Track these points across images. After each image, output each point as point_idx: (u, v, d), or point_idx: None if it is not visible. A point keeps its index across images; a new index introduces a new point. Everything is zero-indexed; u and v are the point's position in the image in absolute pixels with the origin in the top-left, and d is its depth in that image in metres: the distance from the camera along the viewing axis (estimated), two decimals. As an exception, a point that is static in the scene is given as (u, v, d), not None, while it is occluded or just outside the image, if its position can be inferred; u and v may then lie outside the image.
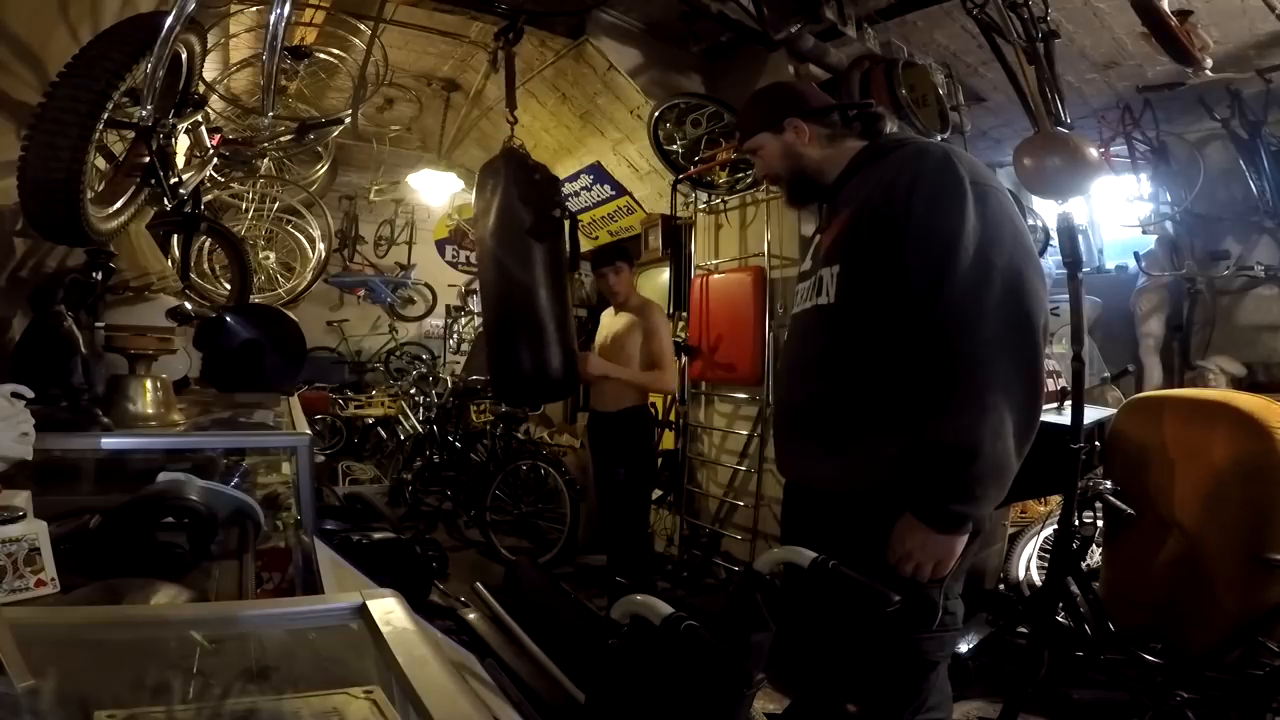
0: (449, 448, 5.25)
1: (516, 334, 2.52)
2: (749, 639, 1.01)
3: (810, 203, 1.61)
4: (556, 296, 2.52)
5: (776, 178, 1.58)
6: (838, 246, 1.42)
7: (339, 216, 7.00)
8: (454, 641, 1.17)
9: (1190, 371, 3.98)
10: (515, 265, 2.47)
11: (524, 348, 2.50)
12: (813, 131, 1.50)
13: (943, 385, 1.25)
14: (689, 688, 0.84)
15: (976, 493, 1.24)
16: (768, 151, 1.55)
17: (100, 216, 1.50)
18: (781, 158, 1.53)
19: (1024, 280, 1.25)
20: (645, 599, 0.88)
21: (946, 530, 1.27)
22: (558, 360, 2.51)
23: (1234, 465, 2.14)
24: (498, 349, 2.60)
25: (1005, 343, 1.22)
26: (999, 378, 1.22)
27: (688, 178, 4.01)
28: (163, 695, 0.66)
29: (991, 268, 1.24)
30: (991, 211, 1.28)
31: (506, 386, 2.74)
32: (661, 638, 0.83)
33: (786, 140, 1.52)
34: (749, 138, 1.58)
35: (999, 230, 1.27)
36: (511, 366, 2.54)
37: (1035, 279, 1.27)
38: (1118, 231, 4.67)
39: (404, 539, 2.22)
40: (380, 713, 0.65)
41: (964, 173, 1.30)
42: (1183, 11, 3.03)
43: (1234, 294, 4.07)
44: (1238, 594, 2.10)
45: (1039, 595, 2.44)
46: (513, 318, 2.53)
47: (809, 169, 1.52)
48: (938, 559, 1.29)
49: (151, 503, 1.12)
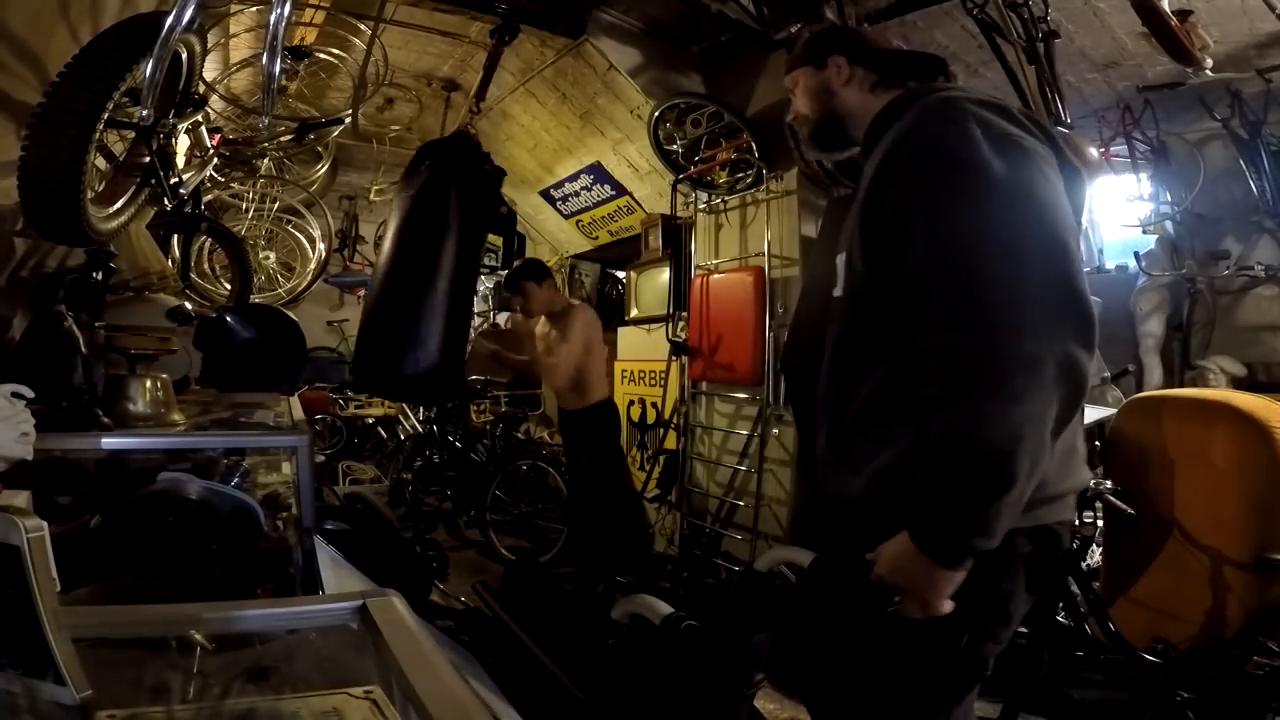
0: (449, 448, 5.24)
1: (393, 321, 2.34)
2: (749, 639, 1.01)
3: (833, 152, 1.49)
4: (456, 292, 2.34)
5: (804, 118, 1.43)
6: (847, 230, 1.26)
7: (339, 216, 6.98)
8: (454, 641, 1.17)
9: (1190, 371, 3.98)
10: (419, 253, 2.32)
11: (397, 337, 2.31)
12: (856, 73, 1.36)
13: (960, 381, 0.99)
14: (689, 687, 0.84)
15: (996, 515, 0.97)
16: (803, 87, 1.42)
17: (100, 216, 1.50)
18: (815, 95, 1.40)
19: (1068, 275, 0.99)
20: (645, 599, 0.88)
21: (950, 564, 1.00)
22: (433, 358, 2.30)
23: (1234, 465, 2.14)
24: (367, 331, 2.44)
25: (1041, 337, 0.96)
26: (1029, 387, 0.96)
27: (688, 178, 4.01)
28: (163, 695, 0.66)
29: (1027, 260, 0.98)
30: (1022, 169, 1.03)
31: (366, 373, 2.56)
32: (661, 638, 0.83)
33: (826, 77, 1.38)
34: (791, 71, 1.45)
35: (1035, 201, 1.02)
36: (379, 353, 2.38)
37: (1077, 253, 1.03)
38: (1118, 231, 4.66)
39: (404, 539, 2.22)
40: (380, 713, 0.65)
41: (970, 125, 1.05)
42: (1183, 11, 3.03)
43: (1234, 294, 4.07)
44: (1238, 594, 2.10)
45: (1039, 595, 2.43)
46: (395, 304, 2.35)
47: (839, 111, 1.37)
48: (927, 597, 1.01)
49: (151, 503, 1.12)
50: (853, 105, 1.36)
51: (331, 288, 7.33)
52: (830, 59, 1.38)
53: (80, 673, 0.59)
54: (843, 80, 1.37)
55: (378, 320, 2.39)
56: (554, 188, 5.72)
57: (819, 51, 1.40)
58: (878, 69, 1.36)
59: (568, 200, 5.76)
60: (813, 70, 1.40)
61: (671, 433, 4.23)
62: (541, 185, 5.80)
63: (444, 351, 2.32)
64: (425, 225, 2.32)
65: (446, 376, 2.37)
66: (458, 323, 2.39)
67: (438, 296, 2.29)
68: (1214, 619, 2.12)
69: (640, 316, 4.81)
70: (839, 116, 1.37)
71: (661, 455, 4.21)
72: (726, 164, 3.85)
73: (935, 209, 1.04)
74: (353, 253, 7.46)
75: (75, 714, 0.58)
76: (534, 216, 6.36)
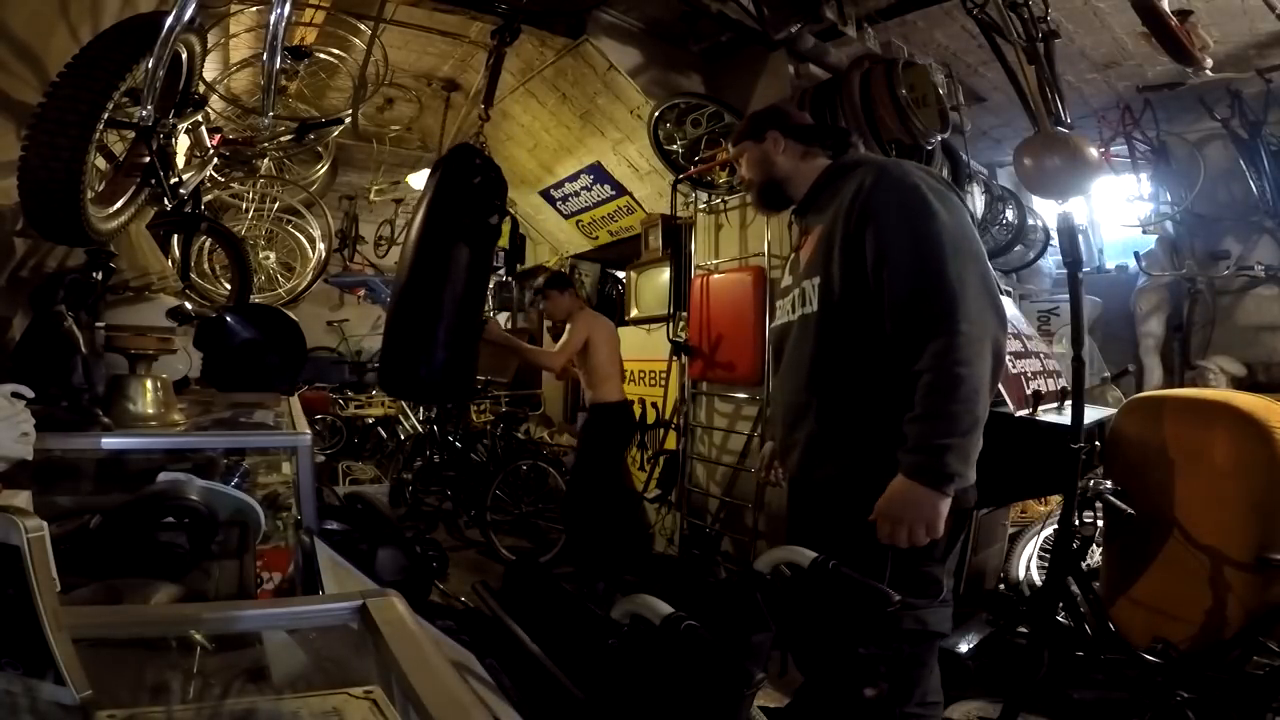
0: (449, 448, 5.25)
1: (413, 327, 2.45)
2: (749, 639, 1.01)
3: (776, 209, 1.82)
4: (467, 300, 2.46)
5: (750, 182, 1.79)
6: (815, 261, 1.58)
7: (339, 216, 6.98)
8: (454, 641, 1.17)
9: (1190, 371, 3.98)
10: (432, 260, 2.43)
11: (416, 342, 2.43)
12: (788, 145, 1.71)
13: (920, 371, 1.38)
14: (689, 687, 0.84)
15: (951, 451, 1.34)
16: (748, 158, 1.77)
17: (100, 216, 1.50)
18: (757, 164, 1.74)
19: (988, 271, 1.45)
20: (645, 599, 0.88)
21: (935, 485, 1.34)
22: (443, 361, 2.43)
23: (1234, 465, 2.14)
24: (391, 338, 2.55)
25: (986, 329, 1.38)
26: (984, 364, 1.37)
27: (688, 178, 4.01)
28: (163, 695, 0.66)
29: (968, 260, 1.41)
30: (955, 209, 1.47)
31: (391, 378, 2.69)
32: (661, 638, 0.83)
33: (765, 149, 1.72)
34: (736, 144, 1.81)
35: (966, 227, 1.47)
36: (401, 358, 2.50)
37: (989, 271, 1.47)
38: (1118, 231, 4.67)
39: (404, 539, 2.22)
40: (380, 713, 0.65)
41: (918, 179, 1.48)
42: (1183, 11, 3.03)
43: (1234, 294, 4.07)
44: (1237, 594, 2.10)
45: (1039, 595, 2.44)
46: (413, 311, 2.46)
47: (778, 176, 1.72)
48: (927, 520, 1.35)
49: (151, 503, 1.12)
50: (788, 170, 1.71)
51: (331, 288, 7.34)
52: (768, 133, 1.73)
53: (80, 673, 0.59)
54: (778, 151, 1.72)
55: (399, 324, 2.52)
56: (554, 188, 5.72)
57: (758, 128, 1.75)
58: (802, 139, 1.72)
59: (568, 200, 5.76)
60: (753, 144, 1.75)
61: (671, 433, 4.23)
62: (541, 185, 5.80)
63: (454, 352, 2.46)
64: (434, 237, 2.45)
65: (459, 377, 2.52)
66: (468, 325, 2.52)
67: (449, 300, 2.42)
68: (1214, 619, 2.12)
69: (640, 316, 4.81)
70: (778, 180, 1.73)
71: (661, 455, 4.21)
72: (726, 164, 3.84)
73: (907, 235, 1.43)
74: (353, 253, 7.46)
75: (75, 714, 0.58)
76: (534, 216, 6.36)
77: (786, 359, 1.72)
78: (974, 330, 1.36)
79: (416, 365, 2.43)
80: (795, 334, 1.65)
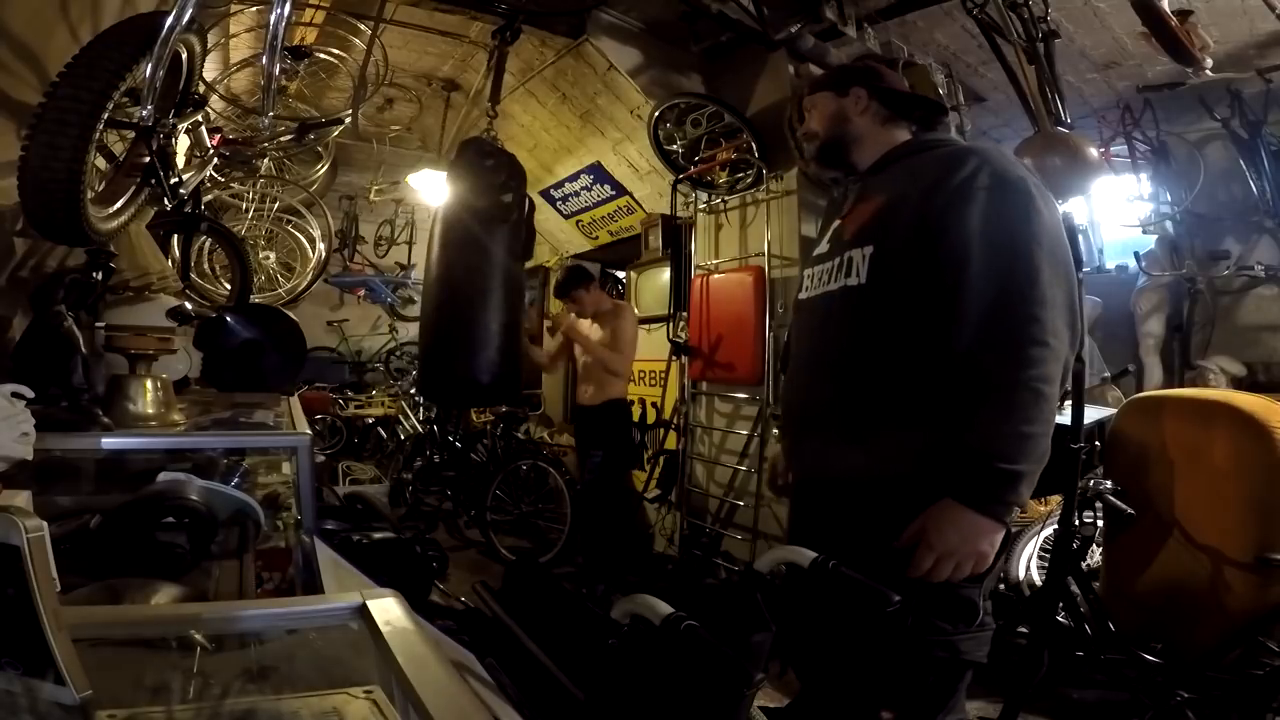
0: (449, 448, 5.24)
1: (454, 333, 2.36)
2: (749, 639, 1.01)
3: (831, 170, 1.62)
4: (505, 295, 2.37)
5: (814, 135, 1.58)
6: (872, 229, 1.39)
7: (339, 216, 6.99)
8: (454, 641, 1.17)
9: (1190, 371, 3.98)
10: (461, 260, 2.35)
11: (461, 347, 2.33)
12: (872, 106, 1.52)
13: (993, 380, 1.21)
14: (689, 688, 0.84)
15: (1023, 480, 1.20)
16: (822, 108, 1.57)
17: (100, 216, 1.50)
18: (830, 118, 1.55)
19: (1075, 284, 1.29)
20: (645, 599, 0.88)
21: (998, 516, 1.20)
22: (495, 362, 2.34)
23: (1234, 465, 2.14)
24: (432, 347, 2.45)
25: (1066, 347, 1.23)
26: (1052, 372, 1.21)
27: (688, 178, 4.01)
28: (163, 695, 0.66)
29: (1060, 269, 1.25)
30: (1055, 210, 1.31)
31: (434, 387, 2.62)
32: (661, 638, 0.83)
33: (844, 104, 1.53)
34: (814, 92, 1.60)
35: (1061, 230, 1.30)
36: (444, 366, 2.40)
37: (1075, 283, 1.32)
38: (1118, 231, 4.67)
39: (404, 539, 2.22)
40: (380, 713, 0.65)
41: (1024, 172, 1.32)
42: (1183, 11, 3.03)
43: (1234, 294, 4.07)
44: (1238, 594, 2.10)
45: (1039, 595, 2.44)
46: (453, 315, 2.37)
47: (849, 136, 1.53)
48: (981, 554, 1.20)
49: (151, 503, 1.12)
50: (862, 132, 1.52)
51: (331, 288, 7.33)
52: (852, 89, 1.53)
53: (80, 673, 0.59)
54: (859, 110, 1.52)
55: (441, 335, 2.40)
56: (554, 188, 5.72)
57: (843, 80, 1.56)
58: (890, 104, 1.52)
59: (568, 200, 5.76)
60: (833, 96, 1.55)
61: (671, 433, 4.23)
62: (541, 185, 5.80)
63: (503, 353, 2.36)
64: (460, 235, 2.36)
65: (509, 377, 2.41)
66: (512, 319, 2.43)
67: (491, 303, 2.33)
68: (1214, 619, 2.12)
69: (640, 316, 4.81)
70: (848, 141, 1.53)
71: (661, 455, 4.21)
72: (726, 164, 3.85)
73: (1006, 232, 1.25)
74: (353, 253, 7.46)
75: (75, 714, 0.58)
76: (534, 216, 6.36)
77: (814, 337, 1.52)
78: (1060, 347, 1.20)
79: (465, 367, 2.31)
80: (830, 309, 1.44)
